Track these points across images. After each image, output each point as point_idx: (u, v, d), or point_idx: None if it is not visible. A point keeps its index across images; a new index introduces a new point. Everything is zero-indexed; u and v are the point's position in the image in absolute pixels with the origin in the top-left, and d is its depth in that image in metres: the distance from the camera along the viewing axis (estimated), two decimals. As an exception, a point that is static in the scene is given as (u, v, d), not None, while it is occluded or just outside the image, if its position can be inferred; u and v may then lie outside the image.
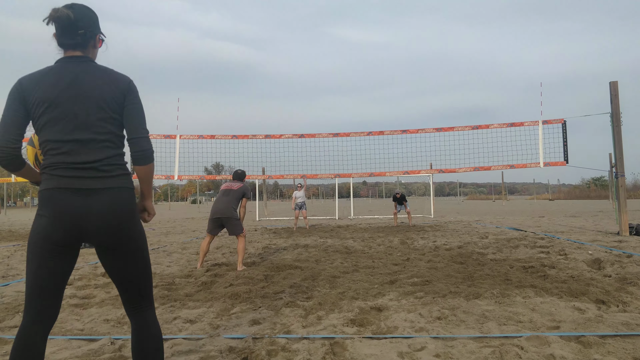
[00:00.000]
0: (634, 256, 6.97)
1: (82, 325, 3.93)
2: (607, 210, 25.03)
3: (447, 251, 8.34)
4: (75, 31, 2.12)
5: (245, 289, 5.04)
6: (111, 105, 2.11)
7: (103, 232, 2.04)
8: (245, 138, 13.71)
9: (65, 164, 2.03)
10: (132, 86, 2.19)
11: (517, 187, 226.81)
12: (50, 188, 2.02)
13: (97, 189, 2.03)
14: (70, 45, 2.15)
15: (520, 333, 3.40)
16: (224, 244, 10.15)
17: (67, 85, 2.06)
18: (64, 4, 2.14)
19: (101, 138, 2.08)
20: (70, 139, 2.04)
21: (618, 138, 10.79)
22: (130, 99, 2.16)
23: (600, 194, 67.55)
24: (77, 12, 2.13)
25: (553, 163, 12.06)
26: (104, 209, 2.03)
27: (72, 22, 2.10)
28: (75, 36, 2.13)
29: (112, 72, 2.19)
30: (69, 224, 2.00)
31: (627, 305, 4.12)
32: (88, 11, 2.19)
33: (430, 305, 4.28)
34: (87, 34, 2.16)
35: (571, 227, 13.51)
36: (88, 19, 2.17)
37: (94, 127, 2.07)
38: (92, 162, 2.05)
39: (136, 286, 2.17)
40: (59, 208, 2.00)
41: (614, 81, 10.90)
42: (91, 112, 2.07)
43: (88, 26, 2.16)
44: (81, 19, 2.14)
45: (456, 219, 20.39)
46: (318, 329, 3.67)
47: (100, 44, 2.27)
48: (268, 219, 23.65)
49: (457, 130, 13.04)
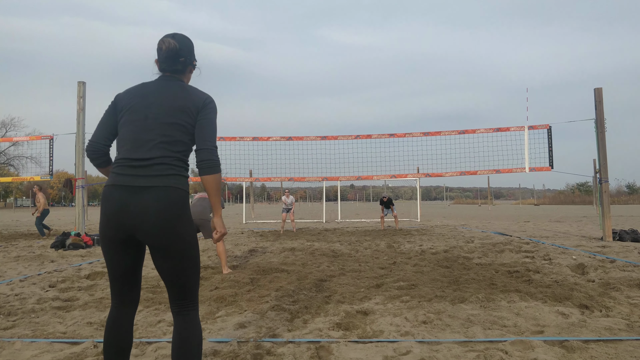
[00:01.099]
0: (617, 261, 7.05)
1: (65, 328, 3.87)
2: (591, 216, 25.32)
3: (433, 255, 8.37)
4: (177, 59, 2.34)
5: (230, 292, 5.01)
6: (181, 115, 2.22)
7: (147, 230, 2.08)
8: (232, 140, 13.65)
9: (124, 160, 2.16)
10: (209, 103, 2.30)
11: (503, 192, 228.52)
12: (108, 185, 2.16)
13: (145, 186, 2.10)
14: (171, 71, 2.36)
15: (505, 337, 3.41)
16: (210, 247, 10.09)
17: (148, 94, 2.27)
18: (168, 34, 2.36)
19: (161, 139, 2.18)
20: (133, 138, 2.19)
21: (602, 144, 10.92)
22: (203, 114, 2.26)
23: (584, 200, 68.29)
24: (180, 42, 2.34)
25: (538, 168, 12.17)
26: (152, 207, 2.08)
27: (176, 51, 2.32)
28: (176, 64, 2.34)
29: (195, 90, 2.35)
30: (117, 221, 2.10)
31: (610, 310, 4.16)
32: (188, 41, 2.41)
33: (416, 309, 4.28)
34: (186, 61, 2.38)
35: (556, 232, 13.64)
36: (188, 48, 2.39)
37: (159, 129, 2.19)
38: (146, 160, 2.14)
39: (182, 286, 2.19)
40: (110, 206, 2.12)
41: (599, 88, 11.04)
42: (160, 117, 2.20)
43: (187, 55, 2.38)
44: (183, 48, 2.35)
45: (442, 223, 20.49)
46: (304, 332, 3.66)
47: (194, 67, 2.47)
48: (255, 221, 23.57)
49: (443, 134, 13.11)
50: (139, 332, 3.72)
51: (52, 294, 5.15)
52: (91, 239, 10.84)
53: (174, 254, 2.13)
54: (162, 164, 2.14)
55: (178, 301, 2.21)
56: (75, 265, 7.52)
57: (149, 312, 4.36)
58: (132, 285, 2.26)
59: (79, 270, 6.89)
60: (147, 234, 2.09)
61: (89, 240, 10.72)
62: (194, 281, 2.23)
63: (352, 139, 13.67)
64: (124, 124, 2.24)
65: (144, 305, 4.57)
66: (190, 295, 2.22)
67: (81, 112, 11.73)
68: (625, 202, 68.06)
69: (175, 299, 2.21)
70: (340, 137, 13.69)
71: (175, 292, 2.19)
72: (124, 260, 2.19)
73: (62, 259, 8.50)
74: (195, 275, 2.23)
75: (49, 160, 12.79)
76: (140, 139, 2.17)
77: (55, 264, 7.73)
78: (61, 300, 4.91)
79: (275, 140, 13.70)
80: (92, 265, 7.41)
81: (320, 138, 13.70)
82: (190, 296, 2.22)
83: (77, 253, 9.38)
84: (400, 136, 13.41)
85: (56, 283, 5.85)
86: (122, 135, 2.24)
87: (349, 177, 14.26)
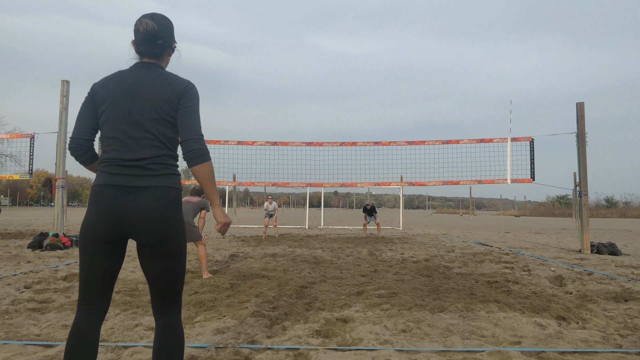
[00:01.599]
0: (595, 274, 7.14)
1: (39, 330, 3.80)
2: (570, 228, 25.68)
3: (414, 264, 8.40)
4: (155, 42, 2.23)
5: (210, 297, 4.97)
6: (164, 107, 2.15)
7: (144, 229, 2.06)
8: (217, 143, 13.59)
9: (115, 160, 2.10)
10: (189, 90, 2.21)
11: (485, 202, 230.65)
12: (100, 184, 2.09)
13: (141, 186, 2.07)
14: (148, 54, 2.26)
15: (483, 348, 3.43)
16: (190, 251, 10.00)
17: (128, 87, 2.16)
18: (146, 14, 2.24)
19: (151, 137, 2.13)
20: (121, 137, 2.12)
21: (583, 158, 11.09)
22: (183, 102, 2.18)
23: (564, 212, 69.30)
24: (159, 23, 2.23)
25: (520, 180, 12.31)
26: (146, 207, 2.05)
27: (154, 33, 2.21)
28: (154, 46, 2.24)
29: (174, 77, 2.24)
30: (112, 221, 2.05)
31: (587, 322, 4.21)
32: (167, 22, 2.29)
33: (396, 317, 4.29)
34: (165, 44, 2.27)
35: (535, 244, 13.80)
36: (167, 30, 2.28)
37: (146, 127, 2.12)
38: (139, 160, 2.09)
39: (168, 287, 2.15)
40: (104, 204, 2.06)
41: (581, 102, 11.22)
42: (145, 113, 2.13)
43: (167, 37, 2.27)
44: (162, 30, 2.24)
45: (424, 231, 20.60)
46: (283, 339, 3.64)
47: (172, 51, 2.36)
48: (237, 226, 23.45)
49: (427, 144, 13.21)
50: (115, 336, 3.66)
51: (27, 295, 5.05)
52: (69, 240, 10.66)
53: (168, 254, 2.10)
54: (156, 163, 2.11)
55: (164, 304, 2.15)
56: (52, 266, 7.40)
57: (126, 315, 4.30)
58: (106, 291, 2.16)
59: (56, 272, 6.77)
60: (144, 233, 2.05)
61: (67, 241, 10.55)
62: (181, 283, 2.20)
63: (337, 145, 13.71)
64: (107, 120, 2.15)
65: (121, 309, 4.51)
66: (176, 298, 2.18)
67: (64, 111, 11.56)
68: (603, 215, 69.19)
69: (161, 302, 2.15)
70: (326, 144, 13.72)
71: (163, 294, 2.14)
72: (105, 262, 2.10)
73: (38, 259, 8.35)
74: (182, 278, 2.20)
75: (29, 159, 12.59)
76: (129, 138, 2.11)
77: (31, 265, 7.59)
78: (36, 301, 4.82)
79: (260, 145, 13.67)
80: (69, 267, 7.29)
81: (306, 144, 13.70)
82: (176, 298, 2.18)
83: (54, 254, 9.22)
84: (385, 144, 13.49)
85: (32, 284, 5.74)
86: (108, 133, 2.15)
87: (333, 184, 14.28)
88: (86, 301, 2.12)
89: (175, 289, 2.17)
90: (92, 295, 2.12)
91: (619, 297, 5.31)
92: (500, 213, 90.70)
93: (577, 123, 11.16)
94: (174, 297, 2.17)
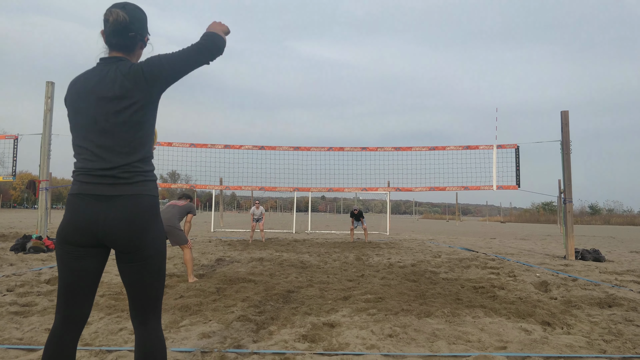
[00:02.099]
0: (579, 280, 7.22)
1: (22, 334, 3.74)
2: (555, 235, 25.92)
3: (401, 269, 8.42)
4: (127, 33, 2.10)
5: (195, 302, 4.93)
6: (128, 107, 2.02)
7: (118, 238, 2.00)
8: (203, 147, 13.54)
9: (86, 170, 2.03)
10: (143, 65, 2.05)
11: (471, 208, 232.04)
12: (73, 193, 2.05)
13: (114, 195, 2.00)
14: (118, 47, 2.13)
15: (469, 352, 3.44)
16: (176, 255, 9.93)
17: (91, 90, 2.05)
18: (117, 3, 2.11)
19: (120, 144, 2.03)
20: (90, 146, 2.04)
21: (567, 165, 11.22)
22: (146, 70, 2.03)
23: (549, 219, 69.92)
24: (131, 14, 2.10)
25: (505, 186, 12.42)
26: (120, 216, 1.99)
27: (125, 25, 2.08)
28: (126, 39, 2.11)
29: (137, 67, 2.06)
30: (86, 229, 2.00)
31: (571, 328, 4.24)
32: (140, 13, 2.16)
33: (382, 322, 4.29)
34: (137, 36, 2.14)
35: (521, 250, 13.91)
36: (139, 21, 2.15)
37: (113, 133, 2.02)
38: (110, 169, 2.01)
39: (146, 295, 2.07)
40: (78, 214, 2.01)
41: (565, 111, 11.36)
42: (110, 118, 2.02)
43: (139, 28, 2.14)
44: (133, 22, 2.11)
45: (411, 237, 20.66)
46: (269, 344, 3.62)
47: (145, 44, 2.24)
48: (223, 230, 23.33)
49: (414, 150, 13.28)
50: (99, 340, 3.62)
51: (9, 299, 4.97)
52: (53, 243, 10.52)
53: (143, 261, 2.04)
54: (128, 172, 2.03)
55: (142, 311, 2.08)
56: (35, 269, 7.29)
57: (110, 319, 4.25)
58: (86, 298, 2.06)
59: (39, 275, 6.67)
60: (116, 241, 2.01)
61: (51, 244, 10.41)
62: (160, 291, 2.13)
63: (324, 150, 13.72)
64: (75, 129, 2.09)
65: (105, 312, 4.46)
66: (156, 304, 2.12)
67: (49, 113, 11.45)
68: (587, 222, 69.93)
69: (139, 309, 2.08)
70: (313, 149, 13.73)
71: (141, 301, 2.07)
72: (83, 264, 2.02)
73: (21, 262, 8.23)
74: (162, 284, 2.14)
75: (12, 160, 12.43)
76: (98, 147, 2.02)
77: (14, 268, 7.48)
78: (19, 305, 4.74)
79: (247, 149, 13.63)
80: (52, 270, 7.19)
81: (293, 148, 13.70)
82: (156, 305, 2.12)
83: (37, 257, 9.10)
84: (372, 150, 13.53)
85: (14, 287, 5.65)
86: (77, 141, 2.07)
87: (320, 189, 14.30)
88: (64, 308, 2.04)
89: (156, 295, 2.11)
90: (70, 302, 2.03)
91: (603, 302, 5.36)
92: (486, 219, 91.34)
93: (561, 131, 11.29)
94: (152, 305, 2.10)
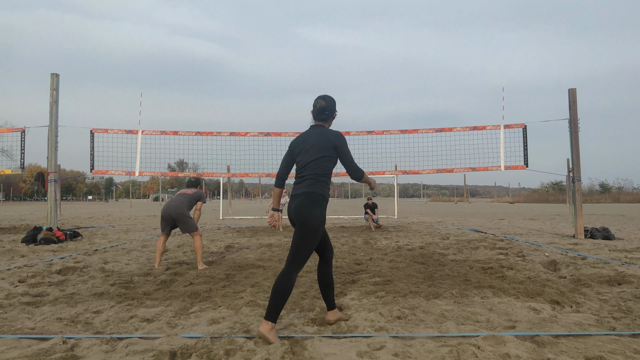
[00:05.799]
0: (588, 259, 7.18)
1: (34, 323, 3.79)
2: (564, 214, 25.82)
3: (409, 251, 8.42)
4: (324, 112, 3.71)
5: (205, 288, 4.96)
6: (323, 151, 3.53)
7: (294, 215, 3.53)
8: (209, 135, 13.51)
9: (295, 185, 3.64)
10: (338, 138, 3.58)
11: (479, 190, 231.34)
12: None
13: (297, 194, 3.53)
14: (318, 119, 3.74)
15: (478, 332, 3.45)
16: (185, 242, 9.99)
17: (304, 140, 3.66)
18: (320, 96, 3.72)
19: (313, 173, 3.52)
20: (299, 175, 3.61)
21: (575, 143, 11.11)
22: (339, 146, 3.57)
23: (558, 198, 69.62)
24: (327, 101, 3.70)
25: (513, 167, 12.33)
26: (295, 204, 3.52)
27: (323, 108, 3.69)
28: (322, 115, 3.72)
29: (328, 131, 3.63)
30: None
31: (580, 306, 4.24)
32: (332, 100, 3.74)
33: (391, 304, 4.30)
34: (329, 114, 3.73)
35: (529, 230, 13.86)
36: (331, 105, 3.72)
37: (311, 166, 3.53)
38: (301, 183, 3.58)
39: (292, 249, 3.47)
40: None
41: (573, 88, 11.22)
42: (313, 157, 3.54)
43: (331, 110, 3.72)
44: (328, 106, 3.70)
45: (419, 220, 20.66)
46: (278, 328, 3.64)
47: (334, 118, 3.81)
48: (232, 217, 23.42)
49: (421, 132, 13.19)
50: (110, 328, 3.66)
51: (21, 289, 5.03)
52: (63, 234, 10.61)
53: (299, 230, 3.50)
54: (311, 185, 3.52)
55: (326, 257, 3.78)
56: (46, 260, 7.36)
57: (121, 307, 4.29)
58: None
59: (50, 266, 6.74)
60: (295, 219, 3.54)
61: (61, 235, 10.50)
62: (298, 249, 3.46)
63: (330, 135, 13.64)
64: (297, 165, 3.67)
65: (116, 301, 4.50)
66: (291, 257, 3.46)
67: (54, 105, 11.46)
68: (597, 200, 69.57)
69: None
70: (319, 134, 13.64)
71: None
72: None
73: (32, 253, 8.31)
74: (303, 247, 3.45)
75: (20, 153, 12.49)
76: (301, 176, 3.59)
77: (25, 259, 7.56)
78: (30, 295, 4.80)
79: (253, 136, 13.61)
80: (63, 261, 7.26)
81: (299, 134, 13.64)
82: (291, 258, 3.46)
83: (48, 248, 9.18)
84: (378, 133, 13.46)
85: (26, 278, 5.72)
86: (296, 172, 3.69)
87: (326, 174, 14.24)
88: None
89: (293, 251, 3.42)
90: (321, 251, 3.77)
91: (612, 280, 5.34)
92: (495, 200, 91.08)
93: (569, 109, 11.16)
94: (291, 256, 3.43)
